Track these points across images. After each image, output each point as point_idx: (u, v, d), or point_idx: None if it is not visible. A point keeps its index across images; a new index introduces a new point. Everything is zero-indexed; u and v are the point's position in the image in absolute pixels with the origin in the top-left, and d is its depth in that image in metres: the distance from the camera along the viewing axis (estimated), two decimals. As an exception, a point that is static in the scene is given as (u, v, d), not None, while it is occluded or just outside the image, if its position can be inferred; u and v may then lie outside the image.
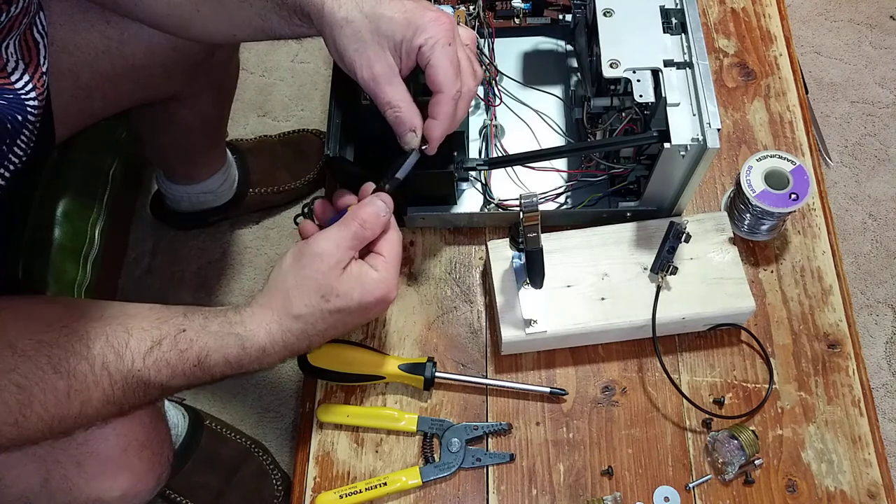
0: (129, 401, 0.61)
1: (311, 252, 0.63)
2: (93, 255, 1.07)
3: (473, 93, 0.68)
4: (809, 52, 1.54)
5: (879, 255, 1.34)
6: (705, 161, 0.74)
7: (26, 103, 0.66)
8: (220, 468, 1.07)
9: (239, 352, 0.62)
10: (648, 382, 0.82)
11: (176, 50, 0.85)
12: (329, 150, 0.76)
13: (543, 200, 0.88)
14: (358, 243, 0.64)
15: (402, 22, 0.63)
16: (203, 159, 1.19)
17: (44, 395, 0.57)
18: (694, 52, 0.76)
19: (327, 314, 0.63)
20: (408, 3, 0.64)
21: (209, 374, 0.62)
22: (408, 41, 0.63)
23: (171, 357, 0.60)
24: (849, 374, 0.82)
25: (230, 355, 0.62)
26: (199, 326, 0.62)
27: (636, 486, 0.77)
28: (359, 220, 0.64)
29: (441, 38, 0.63)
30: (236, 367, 0.63)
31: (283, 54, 1.53)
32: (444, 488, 0.78)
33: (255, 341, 0.62)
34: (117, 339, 0.59)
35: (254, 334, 0.62)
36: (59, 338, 0.58)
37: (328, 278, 0.62)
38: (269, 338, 0.63)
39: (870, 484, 0.77)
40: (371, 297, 0.63)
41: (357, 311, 0.64)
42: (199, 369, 0.62)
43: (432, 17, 0.63)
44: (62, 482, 0.66)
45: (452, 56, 0.64)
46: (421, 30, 0.63)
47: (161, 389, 0.62)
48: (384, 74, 0.64)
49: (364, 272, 0.64)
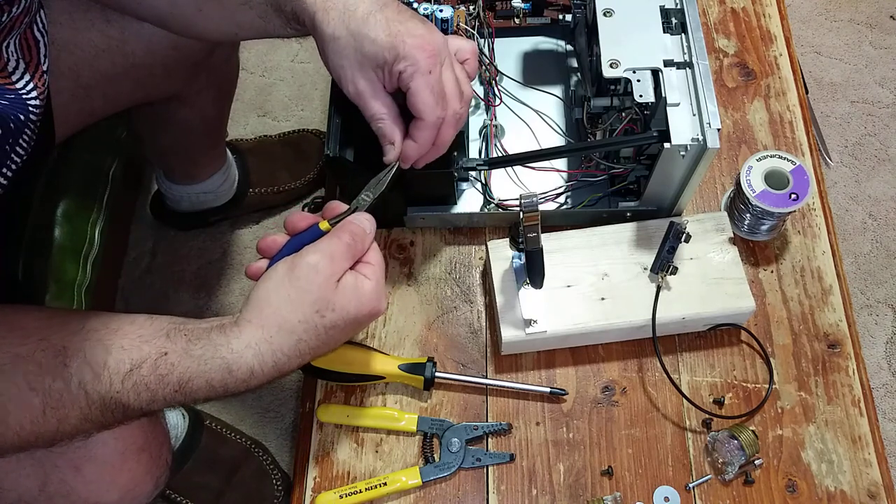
0: (107, 420, 0.58)
1: (305, 264, 0.59)
2: (93, 255, 1.07)
3: (460, 115, 0.67)
4: (809, 52, 1.54)
5: (879, 255, 1.34)
6: (705, 161, 0.74)
7: (28, 103, 0.66)
8: (220, 468, 1.07)
9: (224, 376, 0.58)
10: (648, 382, 0.82)
11: (176, 49, 0.85)
12: (329, 150, 0.76)
13: (543, 200, 0.88)
14: (350, 257, 0.61)
15: (385, 45, 0.62)
16: (203, 159, 1.19)
17: (19, 412, 0.55)
18: (694, 52, 0.76)
19: (322, 330, 0.59)
20: (394, 24, 0.63)
21: (191, 399, 0.59)
22: (389, 65, 0.63)
23: (150, 382, 0.57)
24: (849, 374, 0.82)
25: (214, 380, 0.58)
26: (181, 350, 0.57)
27: (636, 486, 0.77)
28: (349, 233, 0.62)
29: (421, 66, 0.63)
30: (221, 392, 0.59)
31: (283, 54, 1.53)
32: (444, 488, 0.78)
33: (242, 363, 0.58)
34: (95, 358, 0.56)
35: (241, 356, 0.58)
36: (36, 352, 0.56)
37: (324, 291, 0.59)
38: (257, 359, 0.58)
39: (870, 484, 0.77)
40: (366, 308, 0.61)
41: (351, 325, 0.61)
42: (181, 394, 0.58)
43: (415, 44, 0.62)
44: (60, 486, 0.66)
45: (434, 83, 0.64)
46: (402, 56, 0.62)
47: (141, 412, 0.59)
48: (367, 90, 0.64)
49: (359, 283, 0.61)
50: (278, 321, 0.58)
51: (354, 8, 0.63)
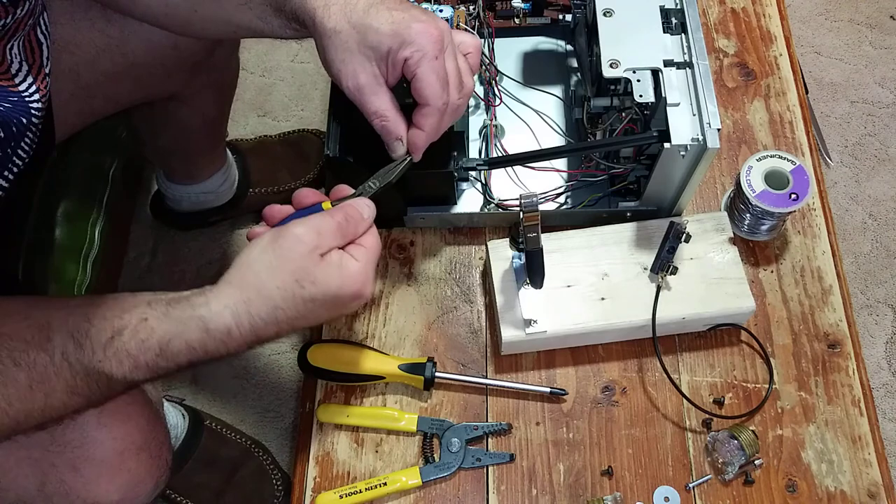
0: (93, 392, 0.59)
1: (291, 234, 0.60)
2: (93, 255, 1.07)
3: (458, 105, 0.67)
4: (809, 52, 1.54)
5: (879, 255, 1.34)
6: (705, 161, 0.74)
7: (30, 106, 0.66)
8: (220, 468, 1.07)
9: (202, 335, 0.58)
10: (648, 382, 0.82)
11: (176, 48, 0.85)
12: (329, 150, 0.77)
13: (543, 200, 0.88)
14: (340, 236, 0.61)
15: (389, 33, 0.62)
16: (203, 159, 1.18)
17: (5, 389, 0.55)
18: (694, 52, 0.76)
19: (300, 301, 0.59)
20: (397, 12, 0.63)
21: (174, 363, 0.59)
22: (394, 53, 0.62)
23: (131, 348, 0.58)
24: (849, 374, 0.82)
25: (193, 340, 0.58)
26: (161, 314, 0.58)
27: (636, 486, 0.77)
28: (343, 213, 0.62)
29: (428, 52, 0.62)
30: (201, 353, 0.59)
31: (283, 54, 1.53)
32: (444, 488, 0.78)
33: (218, 322, 0.58)
34: (78, 329, 0.57)
35: (218, 315, 0.58)
36: (20, 329, 0.57)
37: (306, 262, 0.59)
38: (234, 319, 0.58)
39: (870, 484, 0.77)
40: (348, 289, 0.60)
41: (331, 302, 0.60)
42: (163, 358, 0.58)
43: (420, 29, 0.62)
44: (59, 486, 0.66)
45: (439, 69, 0.63)
46: (407, 42, 0.62)
47: (125, 383, 0.59)
48: (368, 85, 0.64)
49: (345, 261, 0.61)
50: (257, 285, 0.59)
51: (356, 2, 0.63)
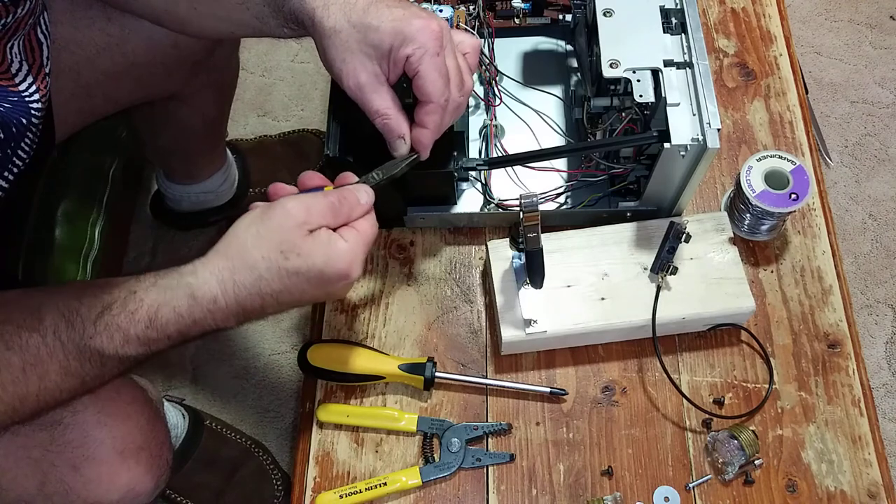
0: (87, 372, 0.59)
1: (280, 206, 0.60)
2: (93, 255, 1.07)
3: (459, 104, 0.67)
4: (809, 52, 1.54)
5: (879, 255, 1.34)
6: (705, 161, 0.74)
7: (30, 106, 0.66)
8: (220, 468, 1.07)
9: (189, 302, 0.59)
10: (648, 382, 0.82)
11: (176, 48, 0.85)
12: (329, 150, 0.77)
13: (543, 200, 0.88)
14: (330, 216, 0.61)
15: (390, 31, 0.62)
16: (203, 159, 1.18)
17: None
18: (694, 52, 0.76)
19: (284, 273, 0.59)
20: (396, 10, 0.63)
21: (164, 335, 0.60)
22: (395, 51, 0.63)
23: (121, 321, 0.58)
24: (849, 374, 0.82)
25: (180, 308, 0.59)
26: (149, 284, 0.59)
27: (636, 486, 0.77)
28: (338, 195, 0.62)
29: (429, 48, 0.63)
30: (189, 322, 0.60)
31: (283, 54, 1.53)
32: (444, 488, 0.78)
33: (205, 290, 0.59)
34: (68, 308, 0.58)
35: (205, 282, 0.59)
36: (12, 313, 0.57)
37: (291, 234, 0.59)
38: (220, 287, 0.59)
39: (870, 484, 0.77)
40: (334, 267, 0.60)
41: (316, 279, 0.60)
42: (153, 330, 0.59)
43: (420, 26, 0.63)
44: (59, 486, 0.66)
45: (440, 66, 0.64)
46: (408, 39, 0.62)
47: (117, 359, 0.59)
48: (369, 84, 0.64)
49: (332, 240, 0.61)
50: (242, 254, 0.60)
51: (354, 1, 0.63)
